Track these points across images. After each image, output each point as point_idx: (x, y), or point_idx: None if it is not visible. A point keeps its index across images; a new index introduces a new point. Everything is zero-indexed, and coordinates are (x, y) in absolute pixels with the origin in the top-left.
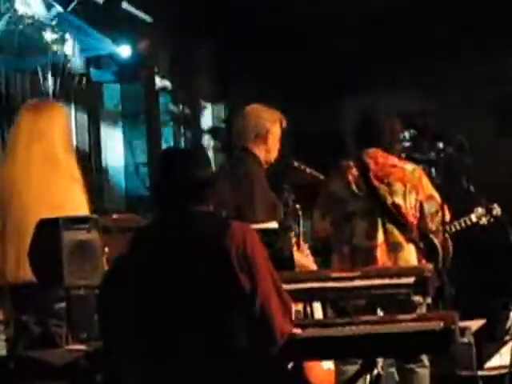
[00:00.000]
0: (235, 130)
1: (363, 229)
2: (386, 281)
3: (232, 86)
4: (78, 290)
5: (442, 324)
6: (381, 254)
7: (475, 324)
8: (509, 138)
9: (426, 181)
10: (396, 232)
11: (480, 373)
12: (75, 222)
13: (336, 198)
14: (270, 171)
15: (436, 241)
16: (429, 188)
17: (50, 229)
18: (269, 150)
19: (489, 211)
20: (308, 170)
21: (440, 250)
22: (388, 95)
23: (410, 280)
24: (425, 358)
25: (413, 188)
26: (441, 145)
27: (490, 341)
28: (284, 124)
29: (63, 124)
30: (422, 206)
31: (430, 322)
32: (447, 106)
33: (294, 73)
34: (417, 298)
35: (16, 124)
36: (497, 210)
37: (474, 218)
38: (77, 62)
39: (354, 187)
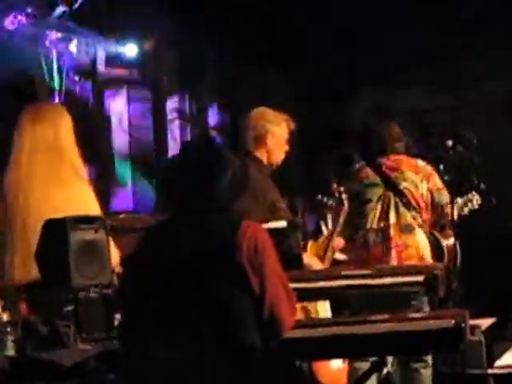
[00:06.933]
0: (239, 134)
1: (377, 212)
2: (396, 279)
3: (239, 84)
4: (86, 290)
5: (452, 322)
6: (393, 234)
7: (485, 322)
8: None
9: (436, 176)
10: (408, 215)
11: (490, 371)
12: (82, 221)
13: (352, 195)
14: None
15: (443, 241)
16: (439, 182)
17: (56, 229)
18: (270, 152)
19: (471, 199)
20: None
21: (445, 250)
22: (399, 92)
23: (420, 278)
24: (429, 358)
25: (424, 177)
26: (450, 142)
27: (500, 339)
28: (292, 126)
29: (67, 124)
30: (433, 196)
31: (441, 320)
32: (458, 102)
33: (302, 70)
34: (416, 303)
35: (18, 130)
36: (476, 198)
37: (455, 209)
38: (82, 61)
39: (367, 181)
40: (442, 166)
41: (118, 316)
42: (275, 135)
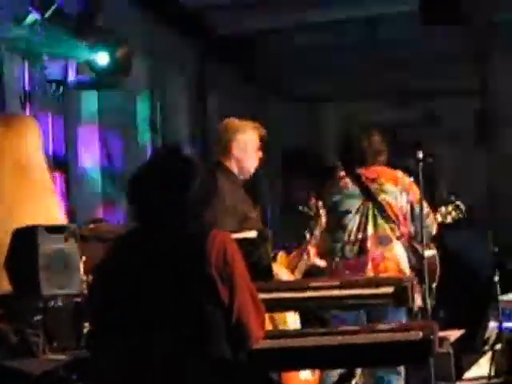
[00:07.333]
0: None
1: (355, 224)
2: (365, 291)
3: (211, 92)
4: (55, 299)
5: (420, 334)
6: (370, 246)
7: (454, 334)
8: (486, 148)
9: (415, 186)
10: (386, 227)
11: (458, 383)
12: (52, 231)
13: (330, 207)
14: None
15: (423, 252)
16: (418, 193)
17: (26, 238)
18: (239, 160)
19: (455, 208)
20: None
21: (425, 262)
22: (366, 105)
23: (389, 290)
24: (401, 369)
25: (404, 189)
26: (421, 154)
27: (468, 351)
28: (262, 133)
29: (35, 137)
30: (413, 208)
31: (409, 332)
32: (426, 116)
33: (272, 83)
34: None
35: None
36: (462, 206)
37: (439, 217)
38: (54, 69)
39: (346, 191)
40: (411, 178)
41: (87, 325)
42: (240, 143)
